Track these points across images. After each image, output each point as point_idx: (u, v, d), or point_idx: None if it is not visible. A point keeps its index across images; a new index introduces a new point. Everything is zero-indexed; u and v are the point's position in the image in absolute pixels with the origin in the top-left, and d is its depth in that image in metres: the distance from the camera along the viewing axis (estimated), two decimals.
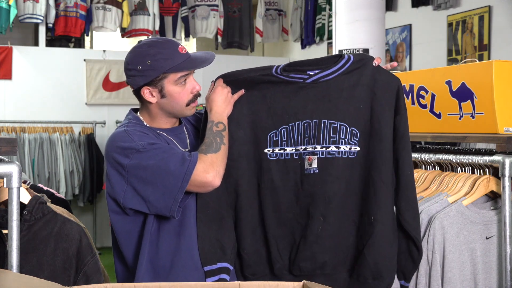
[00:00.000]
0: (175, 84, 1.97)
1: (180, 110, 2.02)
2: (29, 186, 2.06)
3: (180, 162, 1.85)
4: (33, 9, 6.98)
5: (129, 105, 2.45)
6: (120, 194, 1.91)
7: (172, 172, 1.85)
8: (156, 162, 1.86)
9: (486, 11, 5.66)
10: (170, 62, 1.94)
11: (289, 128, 2.01)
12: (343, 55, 2.02)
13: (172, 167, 1.85)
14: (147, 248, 1.93)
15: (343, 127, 1.98)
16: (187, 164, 1.85)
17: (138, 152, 1.87)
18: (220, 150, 1.92)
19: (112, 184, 1.93)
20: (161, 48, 1.96)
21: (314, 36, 7.88)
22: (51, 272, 1.78)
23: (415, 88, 2.57)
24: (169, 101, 1.99)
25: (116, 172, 1.92)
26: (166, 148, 1.92)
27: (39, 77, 7.22)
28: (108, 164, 1.95)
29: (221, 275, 1.96)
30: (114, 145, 1.93)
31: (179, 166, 1.85)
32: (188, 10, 7.82)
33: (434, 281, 2.04)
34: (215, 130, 1.95)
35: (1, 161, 1.68)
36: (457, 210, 2.10)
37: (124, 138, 1.92)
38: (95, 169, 7.10)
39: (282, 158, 2.01)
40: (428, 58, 6.33)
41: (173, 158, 1.87)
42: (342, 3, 4.96)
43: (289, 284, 1.44)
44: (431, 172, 2.39)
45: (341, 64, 1.99)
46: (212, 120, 1.98)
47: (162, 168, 1.85)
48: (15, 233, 1.65)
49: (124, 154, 1.89)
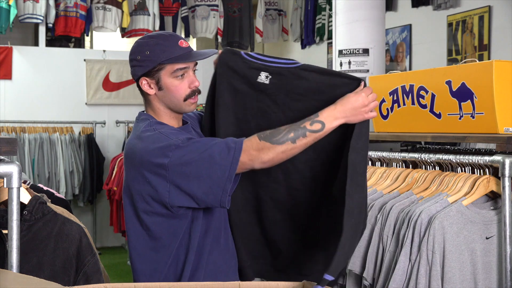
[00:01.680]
0: (172, 77, 1.95)
1: (178, 104, 1.98)
2: (29, 186, 2.06)
3: (226, 151, 1.80)
4: (33, 9, 6.98)
5: (129, 105, 2.45)
6: (165, 195, 1.85)
7: (218, 162, 1.79)
8: (199, 155, 1.81)
9: (486, 11, 5.66)
10: (167, 54, 1.93)
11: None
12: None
13: (217, 158, 1.79)
14: (196, 248, 1.91)
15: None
16: (232, 152, 1.80)
17: (178, 148, 1.82)
18: (280, 144, 1.80)
19: (154, 187, 1.86)
20: (161, 40, 1.95)
21: (314, 36, 7.88)
22: (51, 272, 1.78)
23: (415, 88, 2.57)
24: (166, 93, 1.97)
25: (155, 176, 1.85)
26: (206, 140, 1.88)
27: (39, 77, 7.22)
28: (144, 171, 1.87)
29: None
30: (150, 148, 1.87)
31: (225, 155, 1.79)
32: (188, 10, 7.83)
33: (434, 281, 2.04)
34: (303, 125, 1.82)
35: (1, 161, 1.68)
36: (457, 210, 2.10)
37: (160, 138, 1.87)
38: (95, 169, 7.10)
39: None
40: (428, 58, 6.33)
41: (216, 148, 1.81)
42: (342, 3, 4.95)
43: (289, 284, 1.45)
44: (431, 172, 2.39)
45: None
46: (317, 114, 1.84)
47: (206, 160, 1.80)
48: (15, 233, 1.65)
49: (163, 154, 1.83)
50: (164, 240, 1.92)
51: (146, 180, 1.88)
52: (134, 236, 1.97)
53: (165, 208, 1.88)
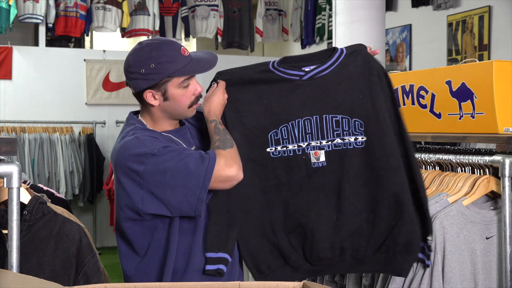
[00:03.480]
0: (179, 87, 1.94)
1: (182, 112, 2.00)
2: (29, 186, 2.06)
3: (200, 161, 1.84)
4: (33, 9, 6.98)
5: (129, 105, 2.46)
6: (138, 201, 1.87)
7: (193, 171, 1.82)
8: (174, 164, 1.83)
9: (486, 11, 5.66)
10: (174, 66, 1.91)
11: (289, 126, 2.02)
12: (336, 49, 2.04)
13: (192, 167, 1.82)
14: (164, 251, 1.93)
15: (345, 120, 2.01)
16: (207, 161, 1.83)
17: (154, 156, 1.84)
18: (234, 145, 1.93)
19: (127, 193, 1.88)
20: (164, 50, 1.92)
21: (314, 36, 7.88)
22: (51, 272, 1.78)
23: (415, 88, 2.57)
24: (171, 103, 1.96)
25: (130, 181, 1.88)
26: (181, 149, 1.90)
27: (39, 77, 7.22)
28: (120, 173, 1.90)
29: (219, 265, 1.95)
30: (127, 154, 1.88)
31: (200, 165, 1.83)
32: (188, 10, 7.82)
33: (435, 281, 2.04)
34: (222, 128, 1.97)
35: (1, 161, 1.68)
36: (457, 210, 2.10)
37: (137, 144, 1.88)
38: (95, 169, 7.10)
39: (285, 156, 2.03)
40: (428, 58, 6.33)
41: (191, 158, 1.85)
42: (342, 3, 4.96)
43: (289, 284, 1.45)
44: (431, 172, 2.39)
45: (335, 57, 2.02)
46: (215, 119, 1.98)
47: (181, 169, 1.83)
48: (15, 233, 1.65)
49: (139, 161, 1.85)
50: (137, 245, 1.95)
51: (121, 185, 1.90)
52: (119, 238, 2.01)
53: (137, 214, 1.90)
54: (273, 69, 2.02)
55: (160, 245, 1.94)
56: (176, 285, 1.48)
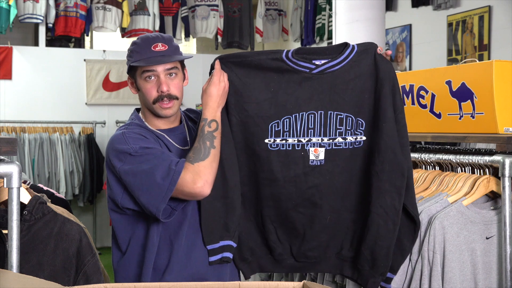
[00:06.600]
0: (142, 79, 2.02)
1: (150, 106, 2.03)
2: (29, 186, 2.06)
3: (166, 172, 1.87)
4: (33, 9, 6.98)
5: (129, 105, 2.47)
6: (118, 194, 1.97)
7: (157, 183, 1.87)
8: (144, 169, 1.89)
9: (486, 11, 5.66)
10: (136, 56, 2.00)
11: (292, 118, 1.98)
12: (348, 44, 2.00)
13: (157, 177, 1.87)
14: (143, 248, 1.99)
15: (349, 118, 1.98)
16: (172, 174, 1.86)
17: (130, 156, 1.91)
18: (208, 156, 1.91)
19: (110, 185, 1.97)
20: (141, 42, 2.02)
21: (314, 36, 7.88)
22: (51, 272, 1.78)
23: (415, 88, 2.57)
24: (141, 95, 2.05)
25: (112, 174, 1.97)
26: (158, 154, 1.93)
27: (39, 77, 7.22)
28: (106, 165, 2.01)
29: (224, 253, 1.99)
30: (111, 148, 1.97)
31: (165, 176, 1.86)
32: (188, 10, 7.82)
33: (434, 281, 2.04)
34: (207, 131, 1.94)
35: (1, 161, 1.68)
36: (457, 210, 2.10)
37: (120, 140, 1.96)
38: (95, 169, 7.10)
39: (284, 149, 1.99)
40: (428, 58, 6.33)
41: (161, 167, 1.88)
42: (342, 3, 4.96)
43: (289, 284, 1.45)
44: (431, 172, 2.39)
45: (346, 54, 1.97)
46: (206, 118, 1.96)
47: (149, 176, 1.88)
48: (15, 233, 1.65)
49: (118, 157, 1.93)
50: (121, 239, 2.03)
51: (107, 177, 2.00)
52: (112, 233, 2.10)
53: (117, 207, 1.98)
54: (286, 59, 1.96)
55: (139, 242, 2.00)
56: (176, 285, 1.48)
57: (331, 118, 1.98)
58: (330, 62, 1.97)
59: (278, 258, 2.07)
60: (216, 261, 1.99)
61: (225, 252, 1.99)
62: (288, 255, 2.06)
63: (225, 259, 1.99)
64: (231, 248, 2.00)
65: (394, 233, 2.00)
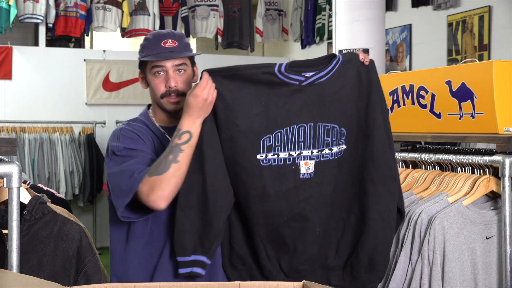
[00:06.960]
0: (151, 74, 2.04)
1: (158, 101, 2.06)
2: (29, 186, 2.06)
3: (128, 179, 1.88)
4: (33, 9, 6.98)
5: (129, 105, 2.47)
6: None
7: (121, 187, 1.89)
8: (115, 172, 1.92)
9: (486, 11, 5.66)
10: (146, 52, 2.04)
11: (284, 132, 1.93)
12: (335, 55, 1.99)
13: (121, 182, 1.89)
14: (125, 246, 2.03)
15: (335, 129, 1.96)
16: (132, 182, 1.87)
17: (114, 155, 1.96)
18: (167, 170, 1.85)
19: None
20: (152, 38, 2.06)
21: (314, 36, 7.88)
22: (51, 272, 1.78)
23: (415, 88, 2.57)
24: (151, 89, 2.08)
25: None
26: (137, 158, 1.94)
27: (39, 77, 7.22)
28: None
29: (193, 268, 1.91)
30: (108, 141, 2.04)
31: (126, 183, 1.88)
32: (188, 10, 7.82)
33: (434, 281, 2.04)
34: (175, 143, 1.89)
35: (1, 161, 1.68)
36: (457, 210, 2.10)
37: (114, 136, 2.02)
38: (95, 169, 7.10)
39: (275, 164, 1.93)
40: (428, 58, 6.33)
41: (126, 173, 1.89)
42: (342, 3, 4.96)
43: (289, 284, 1.44)
44: (431, 172, 2.39)
45: (333, 65, 1.95)
46: (179, 128, 1.91)
47: (117, 179, 1.90)
48: (15, 233, 1.65)
49: (107, 153, 2.00)
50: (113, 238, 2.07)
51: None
52: None
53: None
54: (278, 73, 1.92)
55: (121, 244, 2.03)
56: (176, 285, 1.48)
57: (320, 129, 1.95)
58: (318, 73, 1.94)
59: (268, 275, 2.02)
60: (184, 274, 1.92)
61: (196, 267, 1.91)
62: (277, 271, 2.02)
63: (194, 274, 1.91)
64: (203, 264, 1.92)
65: (392, 236, 2.01)
